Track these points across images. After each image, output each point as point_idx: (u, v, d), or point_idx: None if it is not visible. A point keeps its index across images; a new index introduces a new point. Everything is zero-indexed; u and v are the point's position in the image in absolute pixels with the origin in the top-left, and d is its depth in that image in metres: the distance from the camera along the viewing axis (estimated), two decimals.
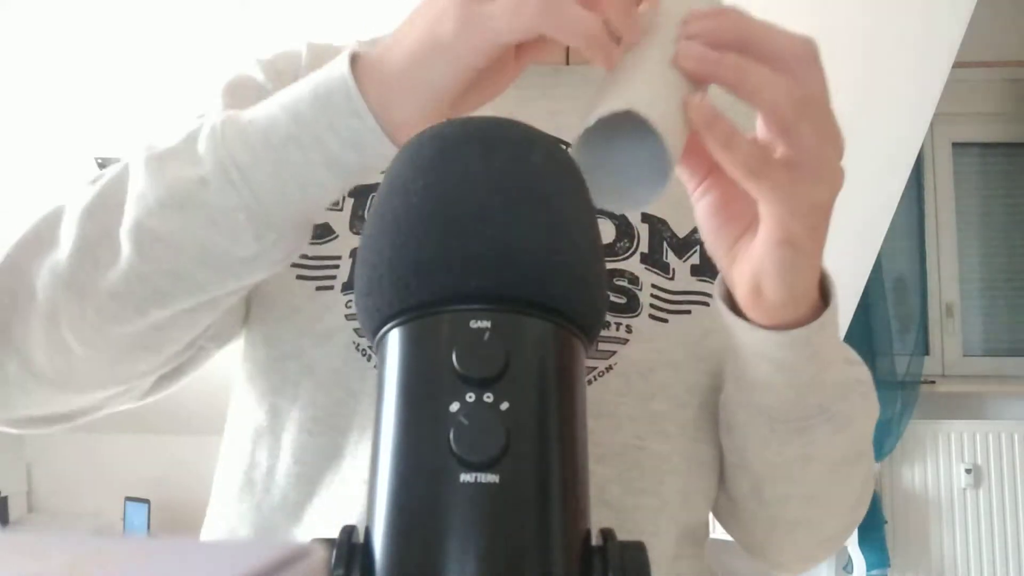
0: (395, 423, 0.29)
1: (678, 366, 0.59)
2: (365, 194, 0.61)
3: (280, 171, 0.43)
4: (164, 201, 0.44)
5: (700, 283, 0.61)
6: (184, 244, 0.45)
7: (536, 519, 0.27)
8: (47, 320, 0.47)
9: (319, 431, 0.56)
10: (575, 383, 0.31)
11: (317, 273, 0.58)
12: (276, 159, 0.43)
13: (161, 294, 0.46)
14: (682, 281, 0.61)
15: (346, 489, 0.54)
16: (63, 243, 0.47)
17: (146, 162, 0.46)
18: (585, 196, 0.35)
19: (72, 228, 0.47)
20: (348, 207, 0.60)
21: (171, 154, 0.46)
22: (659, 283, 0.60)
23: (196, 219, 0.44)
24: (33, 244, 0.48)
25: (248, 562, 0.17)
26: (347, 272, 0.57)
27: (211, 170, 0.44)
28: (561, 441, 0.29)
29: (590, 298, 0.32)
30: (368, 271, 0.32)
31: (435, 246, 0.30)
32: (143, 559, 0.18)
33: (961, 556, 3.30)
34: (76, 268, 0.46)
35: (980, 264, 3.61)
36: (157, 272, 0.45)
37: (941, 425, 3.37)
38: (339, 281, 0.58)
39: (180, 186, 0.44)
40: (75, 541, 0.19)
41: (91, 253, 0.46)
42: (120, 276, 0.45)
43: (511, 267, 0.30)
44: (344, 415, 0.56)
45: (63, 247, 0.47)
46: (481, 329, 0.29)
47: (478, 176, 0.32)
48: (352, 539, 0.28)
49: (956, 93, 2.71)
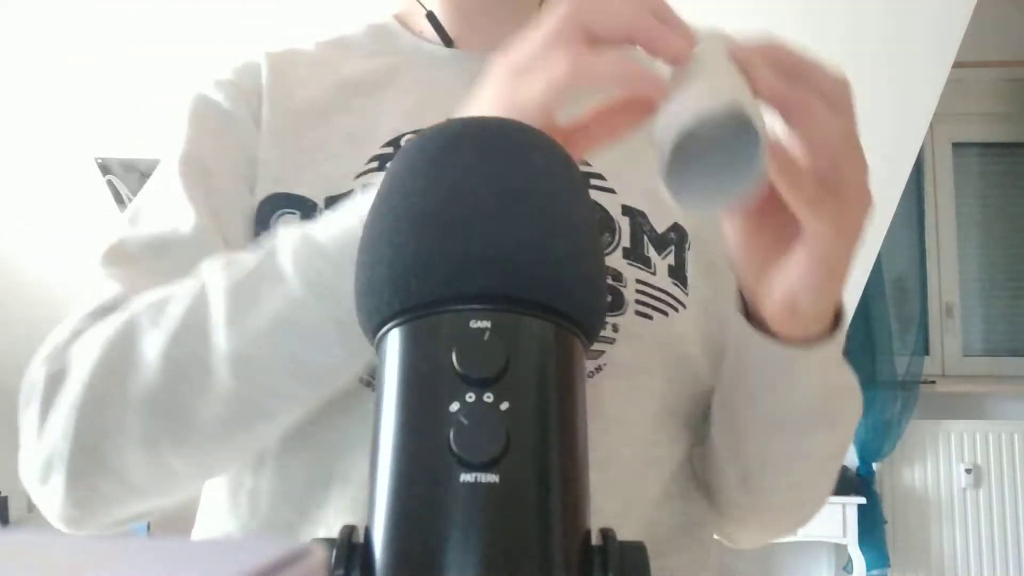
0: (395, 423, 0.29)
1: (659, 366, 0.59)
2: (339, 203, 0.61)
3: None
4: (257, 326, 0.46)
5: (675, 287, 0.62)
6: (279, 363, 0.46)
7: (536, 519, 0.27)
8: (146, 445, 0.48)
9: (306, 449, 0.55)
10: (575, 383, 0.31)
11: None
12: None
13: (264, 412, 0.48)
14: (662, 278, 0.61)
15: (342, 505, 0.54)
16: (149, 371, 0.47)
17: (229, 289, 0.47)
18: (585, 195, 0.35)
19: (158, 356, 0.47)
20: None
21: (254, 278, 0.47)
22: (642, 278, 0.60)
23: (289, 338, 0.46)
24: (110, 373, 0.48)
25: (248, 562, 0.17)
26: None
27: (300, 289, 0.45)
28: (561, 441, 0.29)
29: (591, 298, 0.32)
30: (368, 271, 0.32)
31: (435, 246, 0.30)
32: (143, 559, 0.18)
33: (961, 556, 3.30)
34: (172, 397, 0.47)
35: (980, 264, 3.61)
36: (257, 393, 0.47)
37: (941, 425, 3.37)
38: None
39: (270, 308, 0.46)
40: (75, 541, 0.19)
41: (185, 380, 0.47)
42: (221, 402, 0.46)
43: (511, 267, 0.30)
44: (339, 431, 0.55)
45: (150, 375, 0.47)
46: (481, 329, 0.29)
47: (478, 176, 0.32)
48: (352, 539, 0.28)
49: (956, 93, 2.71)
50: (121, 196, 2.56)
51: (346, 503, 0.54)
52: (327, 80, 0.66)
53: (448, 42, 0.68)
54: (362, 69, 0.67)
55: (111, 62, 2.22)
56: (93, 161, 2.47)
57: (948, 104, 2.52)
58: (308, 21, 2.03)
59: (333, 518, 0.54)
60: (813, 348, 0.50)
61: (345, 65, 0.68)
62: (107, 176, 2.51)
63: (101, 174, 2.51)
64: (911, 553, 3.33)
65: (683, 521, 0.61)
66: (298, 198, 0.60)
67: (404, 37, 0.70)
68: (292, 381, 0.47)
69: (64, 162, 2.48)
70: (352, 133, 0.63)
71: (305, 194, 0.60)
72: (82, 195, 2.56)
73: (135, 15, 2.11)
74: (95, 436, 0.47)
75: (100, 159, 2.47)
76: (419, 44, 0.69)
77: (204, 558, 0.18)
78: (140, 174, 2.50)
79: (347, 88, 0.66)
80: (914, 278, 3.48)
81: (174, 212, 0.58)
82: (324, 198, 0.59)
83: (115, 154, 2.46)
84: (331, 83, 0.66)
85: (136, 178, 2.51)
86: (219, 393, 0.46)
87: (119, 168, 2.49)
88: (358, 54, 0.69)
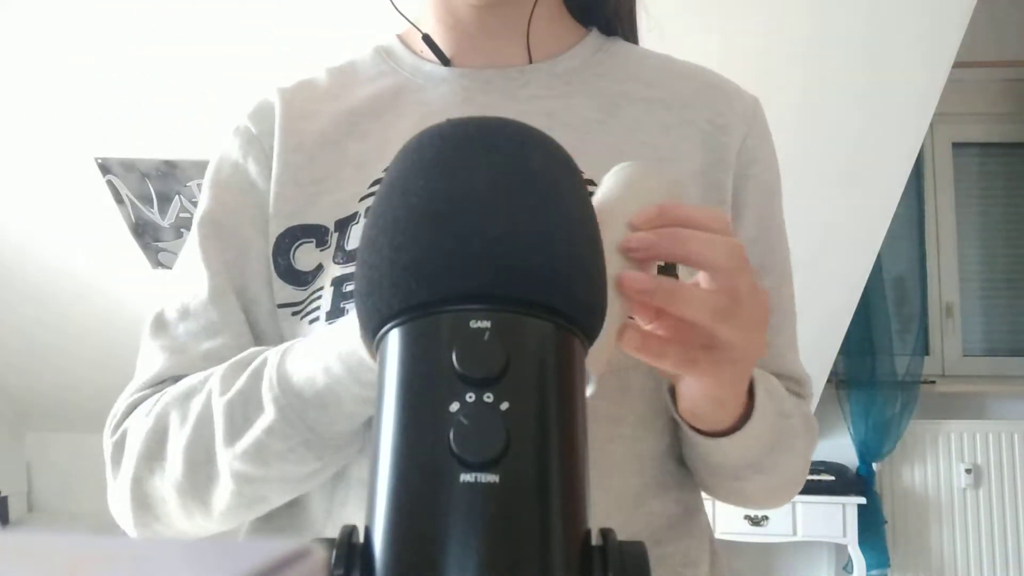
0: (395, 423, 0.29)
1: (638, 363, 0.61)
2: (346, 225, 0.64)
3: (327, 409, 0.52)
4: (245, 447, 0.54)
5: None
6: (266, 473, 0.55)
7: (536, 519, 0.27)
8: (183, 512, 0.59)
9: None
10: (575, 383, 0.31)
11: (307, 307, 0.63)
12: (320, 403, 0.52)
13: (265, 501, 0.58)
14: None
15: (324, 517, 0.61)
16: (176, 465, 0.57)
17: (225, 408, 0.55)
18: (585, 195, 0.35)
19: (179, 455, 0.57)
20: (334, 241, 0.64)
21: (242, 399, 0.55)
22: None
23: (270, 458, 0.54)
24: (148, 460, 0.59)
25: (248, 562, 0.17)
26: (329, 301, 0.61)
27: (275, 418, 0.53)
28: (561, 441, 0.29)
29: (591, 298, 0.32)
30: (368, 271, 0.32)
31: (435, 246, 0.30)
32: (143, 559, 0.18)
33: (961, 556, 3.30)
34: (193, 485, 0.57)
35: (980, 264, 3.61)
36: (254, 492, 0.56)
37: (941, 425, 3.37)
38: (323, 311, 0.61)
39: (253, 433, 0.54)
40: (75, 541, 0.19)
41: (202, 475, 0.56)
42: (228, 494, 0.57)
43: (511, 267, 0.30)
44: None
45: (177, 468, 0.57)
46: (481, 329, 0.29)
47: (478, 176, 0.32)
48: (352, 539, 0.28)
49: (956, 93, 2.71)
50: (121, 196, 2.56)
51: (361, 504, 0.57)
52: (337, 110, 0.70)
53: (445, 61, 0.70)
54: (368, 94, 0.70)
55: (111, 62, 2.22)
56: (93, 161, 2.47)
57: (948, 104, 2.52)
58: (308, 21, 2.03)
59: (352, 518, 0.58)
60: (726, 437, 0.56)
61: (353, 93, 0.71)
62: (107, 176, 2.51)
63: (101, 174, 2.50)
64: (911, 553, 3.33)
65: (680, 511, 0.63)
66: (312, 227, 0.65)
67: (406, 58, 0.72)
68: (280, 484, 0.56)
69: (64, 162, 2.48)
70: (360, 159, 0.66)
71: (318, 222, 0.65)
72: (82, 195, 2.56)
73: (135, 15, 2.11)
74: (146, 501, 0.60)
75: (100, 159, 2.47)
76: (419, 64, 0.71)
77: (204, 558, 0.18)
78: (140, 174, 2.50)
79: (355, 115, 0.69)
80: (914, 278, 3.48)
81: (194, 277, 0.66)
82: (334, 222, 0.64)
83: (115, 154, 2.46)
84: (341, 112, 0.69)
85: (136, 178, 2.51)
86: (225, 488, 0.56)
87: (119, 168, 2.49)
88: (365, 79, 0.72)
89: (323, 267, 0.63)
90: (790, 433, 0.62)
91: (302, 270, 0.64)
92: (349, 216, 0.64)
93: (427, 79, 0.70)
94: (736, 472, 0.60)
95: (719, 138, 0.67)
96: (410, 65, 0.71)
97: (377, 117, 0.68)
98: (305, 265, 0.64)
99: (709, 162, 0.66)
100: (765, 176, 0.68)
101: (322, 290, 0.62)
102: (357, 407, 0.52)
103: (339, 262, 0.62)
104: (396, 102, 0.69)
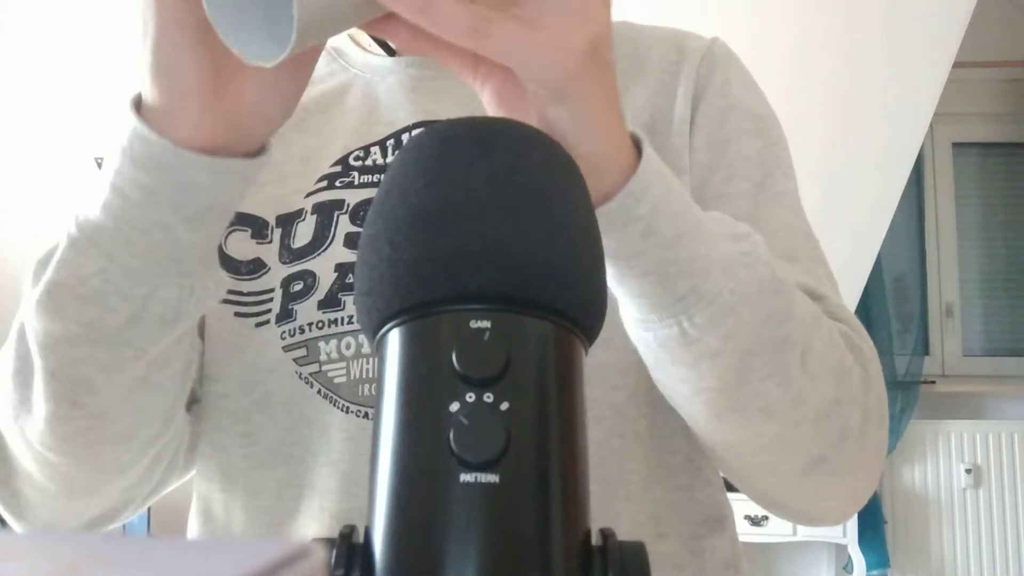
0: (395, 423, 0.29)
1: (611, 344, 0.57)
2: (291, 221, 0.63)
3: (120, 224, 0.45)
4: (39, 299, 0.47)
5: None
6: (67, 330, 0.47)
7: (536, 519, 0.27)
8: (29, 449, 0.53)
9: (275, 463, 0.59)
10: (575, 383, 0.31)
11: (254, 309, 0.61)
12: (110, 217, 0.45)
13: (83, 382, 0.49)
14: None
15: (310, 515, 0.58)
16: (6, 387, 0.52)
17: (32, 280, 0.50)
18: (585, 195, 0.35)
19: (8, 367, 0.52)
20: (276, 238, 0.62)
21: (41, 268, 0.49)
22: None
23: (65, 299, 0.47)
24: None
25: (248, 562, 0.17)
26: (279, 304, 0.60)
27: (64, 247, 0.46)
28: (561, 441, 0.29)
29: (591, 298, 0.32)
30: (368, 271, 0.32)
31: (435, 246, 0.30)
32: (143, 559, 0.18)
33: (961, 556, 3.30)
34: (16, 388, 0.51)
35: (980, 264, 3.61)
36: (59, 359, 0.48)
37: (941, 425, 3.37)
38: (273, 314, 0.60)
39: (46, 280, 0.47)
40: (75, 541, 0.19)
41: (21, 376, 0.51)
42: (41, 381, 0.49)
43: (511, 267, 0.30)
44: (302, 444, 0.58)
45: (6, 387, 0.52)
46: (481, 329, 0.29)
47: (478, 175, 0.32)
48: (352, 539, 0.28)
49: (956, 93, 2.71)
50: None
51: (313, 512, 0.57)
52: None
53: (391, 52, 0.70)
54: (318, 91, 0.70)
55: (111, 62, 2.22)
56: (93, 161, 2.47)
57: (948, 104, 2.52)
58: None
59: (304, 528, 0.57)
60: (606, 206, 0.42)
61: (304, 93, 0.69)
62: None
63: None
64: (911, 553, 3.33)
65: (684, 496, 0.62)
66: (249, 216, 0.63)
67: (355, 54, 0.72)
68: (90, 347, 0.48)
69: (64, 162, 2.48)
70: (305, 154, 0.66)
71: (256, 213, 0.63)
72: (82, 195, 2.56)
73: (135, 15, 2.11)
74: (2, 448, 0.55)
75: (100, 159, 2.47)
76: (368, 59, 0.71)
77: (204, 558, 0.18)
78: None
79: (302, 110, 0.67)
80: (914, 278, 3.49)
81: None
82: (275, 216, 0.63)
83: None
84: None
85: None
86: (38, 371, 0.49)
87: None
88: (315, 79, 0.71)
89: (266, 265, 0.61)
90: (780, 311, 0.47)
91: (235, 257, 0.62)
92: (294, 212, 0.63)
93: (375, 72, 0.69)
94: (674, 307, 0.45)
95: (669, 81, 0.66)
96: (359, 61, 0.71)
97: (323, 112, 0.68)
98: (238, 253, 0.62)
99: (656, 103, 0.65)
100: (718, 101, 0.66)
101: (272, 292, 0.60)
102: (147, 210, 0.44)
103: (286, 262, 0.61)
104: (343, 97, 0.69)
